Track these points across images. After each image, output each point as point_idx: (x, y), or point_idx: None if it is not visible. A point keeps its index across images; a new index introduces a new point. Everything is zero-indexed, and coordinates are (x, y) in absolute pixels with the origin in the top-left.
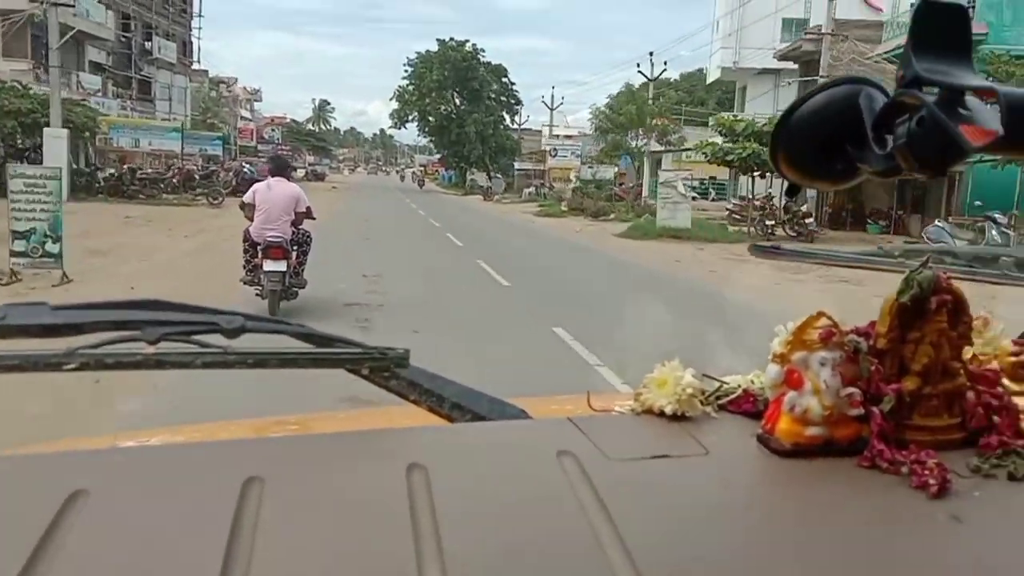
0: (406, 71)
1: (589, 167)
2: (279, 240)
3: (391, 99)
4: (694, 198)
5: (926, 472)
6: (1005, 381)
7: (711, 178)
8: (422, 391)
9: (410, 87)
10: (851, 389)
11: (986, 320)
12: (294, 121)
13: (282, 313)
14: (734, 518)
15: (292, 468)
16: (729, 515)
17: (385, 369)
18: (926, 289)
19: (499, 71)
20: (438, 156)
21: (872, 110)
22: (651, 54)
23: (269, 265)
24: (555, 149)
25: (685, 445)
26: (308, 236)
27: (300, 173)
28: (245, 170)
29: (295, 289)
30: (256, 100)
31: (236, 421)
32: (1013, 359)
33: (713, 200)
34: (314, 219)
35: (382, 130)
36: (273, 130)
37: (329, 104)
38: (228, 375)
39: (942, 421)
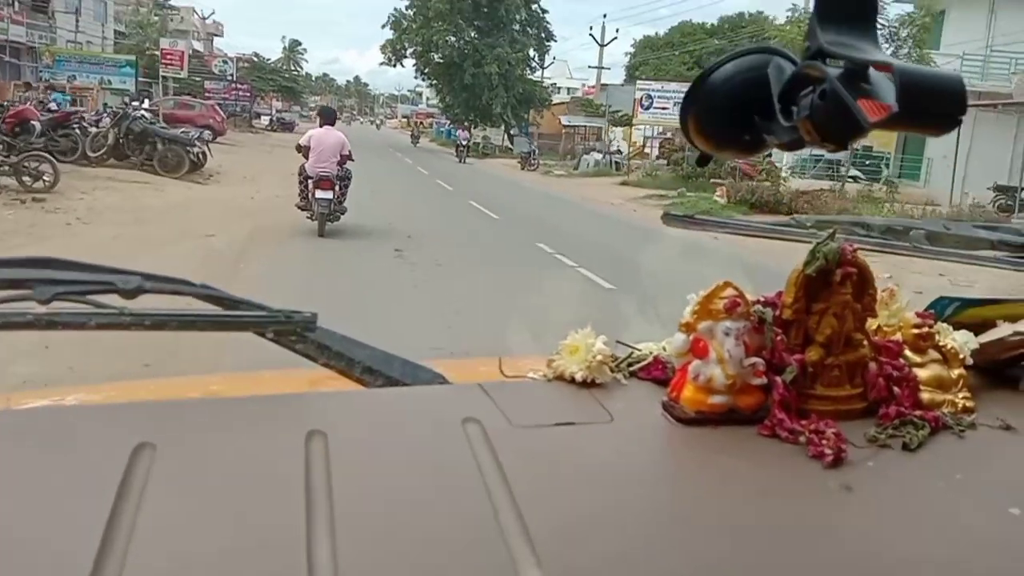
0: None
1: None
2: (328, 175)
3: (384, 26)
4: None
5: (823, 442)
6: (907, 352)
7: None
8: (332, 354)
9: (410, 11)
10: (755, 359)
11: (892, 292)
12: (257, 56)
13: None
14: (632, 485)
15: (186, 434)
16: (627, 482)
17: (291, 332)
18: (832, 261)
19: None
20: (426, 107)
21: (780, 81)
22: None
23: (320, 194)
24: (649, 96)
25: (591, 412)
26: (349, 173)
27: (264, 121)
28: (137, 114)
29: (338, 214)
30: (217, 35)
31: (133, 382)
32: (915, 331)
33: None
34: (353, 160)
35: (357, 77)
36: (225, 62)
37: (300, 45)
38: (129, 337)
39: (844, 391)
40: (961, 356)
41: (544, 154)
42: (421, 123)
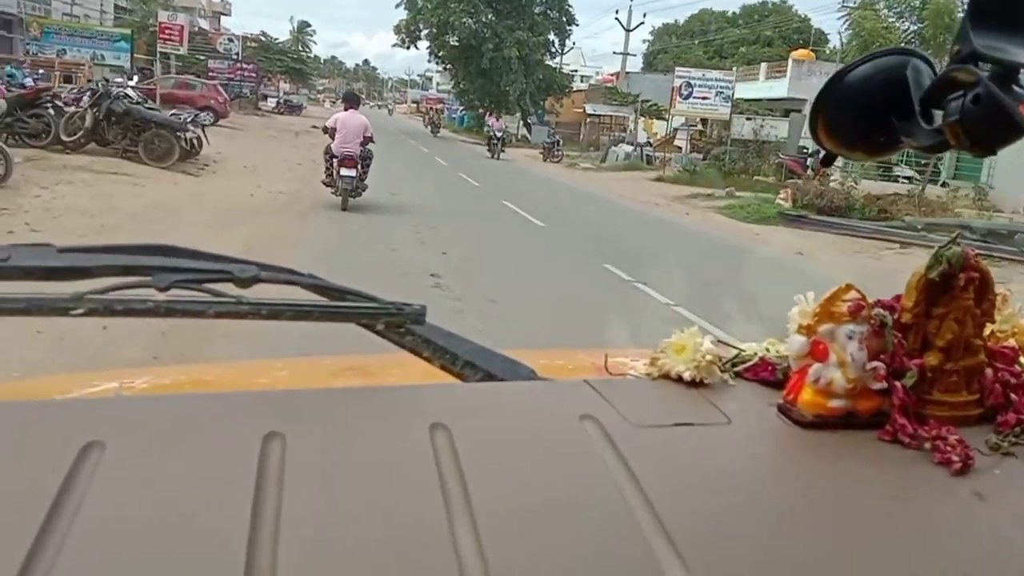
0: None
1: (749, 119)
2: (352, 154)
3: (398, 6)
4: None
5: (948, 448)
6: (1022, 359)
7: None
8: (436, 348)
9: None
10: (876, 363)
11: (1004, 297)
12: (264, 34)
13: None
14: (759, 488)
15: (312, 424)
16: (754, 485)
17: (400, 325)
18: (955, 266)
19: None
20: (436, 92)
21: (919, 83)
22: None
23: (344, 172)
24: (689, 84)
25: (706, 413)
26: (371, 153)
27: (271, 104)
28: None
29: (360, 190)
30: (224, 14)
31: (244, 362)
32: None
33: None
34: (375, 142)
35: (366, 60)
36: (231, 40)
37: (310, 26)
38: (237, 325)
39: (961, 397)
40: None
41: (564, 145)
42: (433, 109)
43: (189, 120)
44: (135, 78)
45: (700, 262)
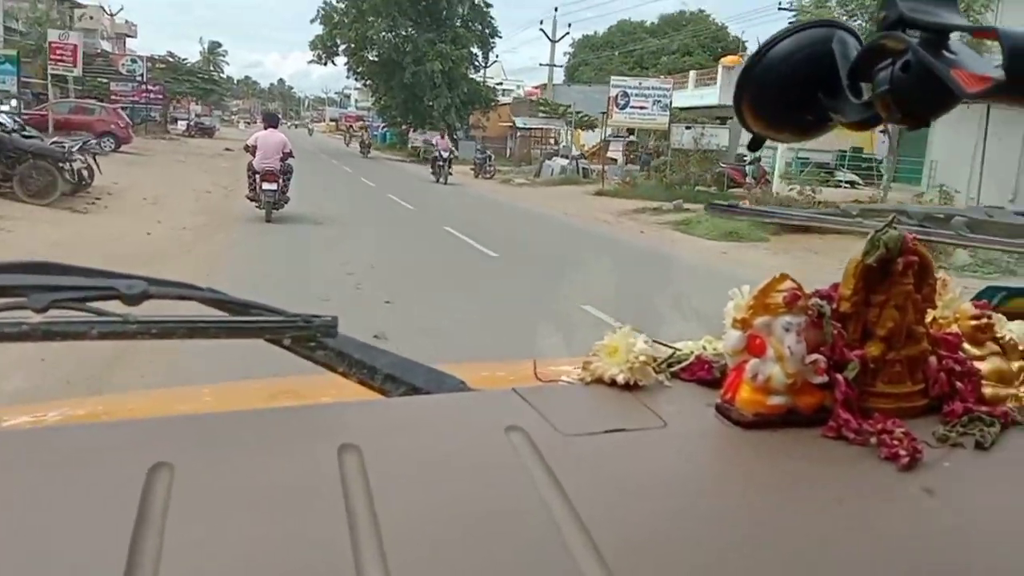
0: None
1: (689, 127)
2: (272, 169)
3: (313, 21)
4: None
5: (895, 442)
6: (965, 345)
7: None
8: (352, 362)
9: (341, 4)
10: (816, 356)
11: (944, 281)
12: (172, 55)
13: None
14: (699, 494)
15: (205, 452)
16: (693, 491)
17: (311, 339)
18: (893, 250)
19: None
20: (355, 109)
21: (846, 56)
22: None
23: (266, 186)
24: (625, 94)
25: (641, 417)
26: (291, 168)
27: (182, 127)
28: None
29: (282, 203)
30: (130, 36)
31: (141, 392)
32: (973, 322)
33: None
34: (294, 157)
35: (281, 79)
36: (134, 61)
37: (221, 47)
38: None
39: (905, 388)
40: (1021, 347)
41: (495, 160)
42: (352, 127)
43: (76, 148)
44: (13, 102)
45: (695, 296)
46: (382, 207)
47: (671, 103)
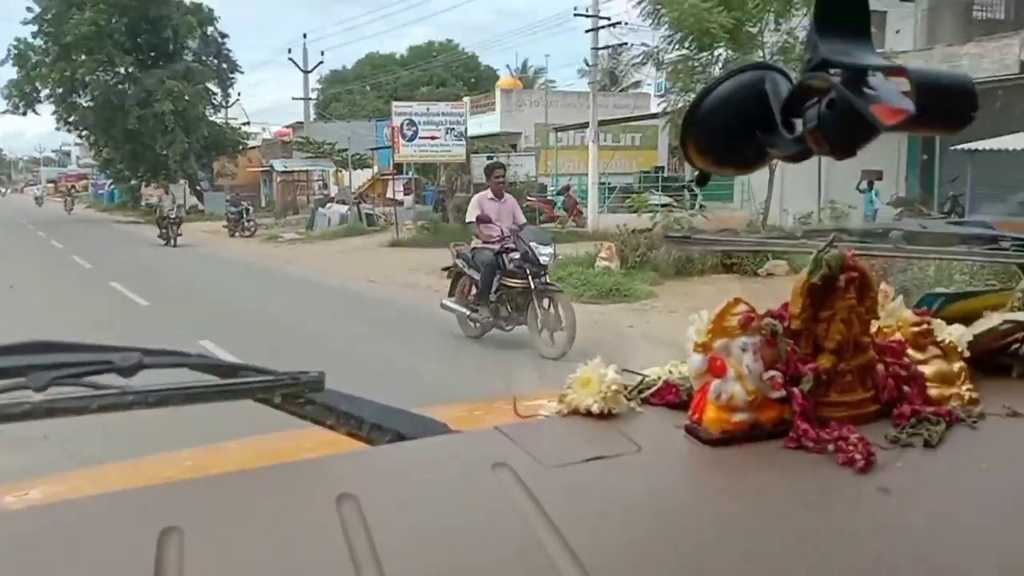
0: (30, 14)
1: (491, 157)
2: None
3: (3, 62)
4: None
5: (851, 448)
6: (909, 351)
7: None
8: (339, 414)
9: (40, 41)
10: (772, 372)
11: (885, 293)
12: None
13: None
14: (676, 512)
15: (211, 513)
16: (671, 509)
17: (299, 396)
18: (835, 268)
19: (201, 15)
20: (77, 167)
21: (778, 95)
22: None
23: None
24: (412, 122)
25: (617, 444)
26: None
27: None
28: None
29: None
30: None
31: (139, 460)
32: (915, 329)
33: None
34: None
35: None
36: None
37: None
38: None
39: (857, 395)
40: (959, 349)
41: (255, 212)
42: (74, 187)
43: None
44: None
45: None
46: (95, 296)
47: (466, 130)
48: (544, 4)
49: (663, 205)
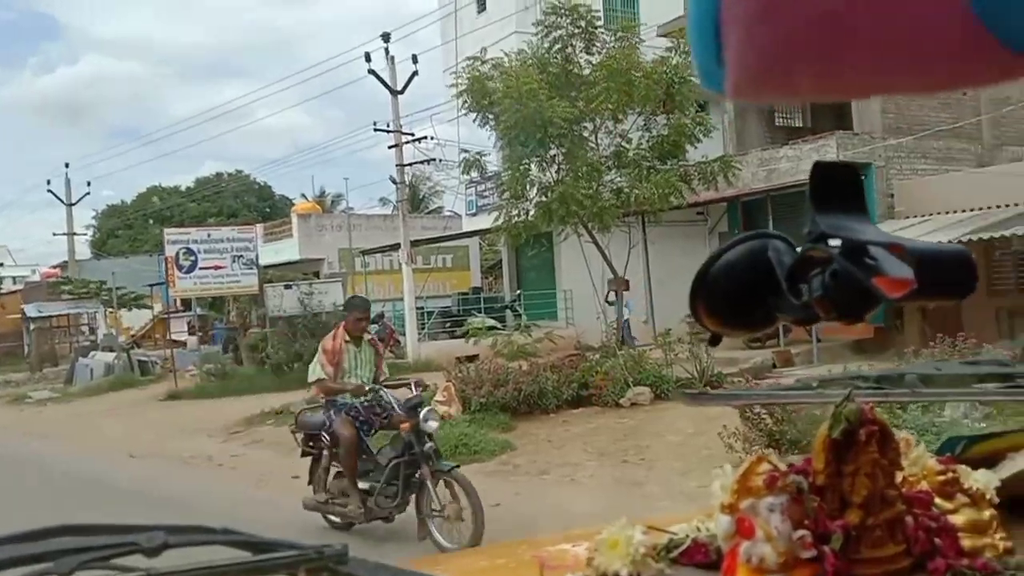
0: None
1: (289, 286)
2: None
3: None
4: None
5: None
6: (937, 500)
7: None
8: None
9: None
10: (802, 532)
11: (908, 441)
12: None
13: None
14: None
15: None
16: None
17: (323, 568)
18: (854, 422)
19: None
20: None
21: (781, 263)
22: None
23: None
24: (190, 251)
25: None
26: None
27: None
28: None
29: None
30: None
31: None
32: (941, 478)
33: None
34: None
35: None
36: None
37: None
38: None
39: (888, 551)
40: (988, 496)
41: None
42: None
43: None
44: None
45: None
46: None
47: (258, 257)
48: (342, 128)
49: (488, 328)
